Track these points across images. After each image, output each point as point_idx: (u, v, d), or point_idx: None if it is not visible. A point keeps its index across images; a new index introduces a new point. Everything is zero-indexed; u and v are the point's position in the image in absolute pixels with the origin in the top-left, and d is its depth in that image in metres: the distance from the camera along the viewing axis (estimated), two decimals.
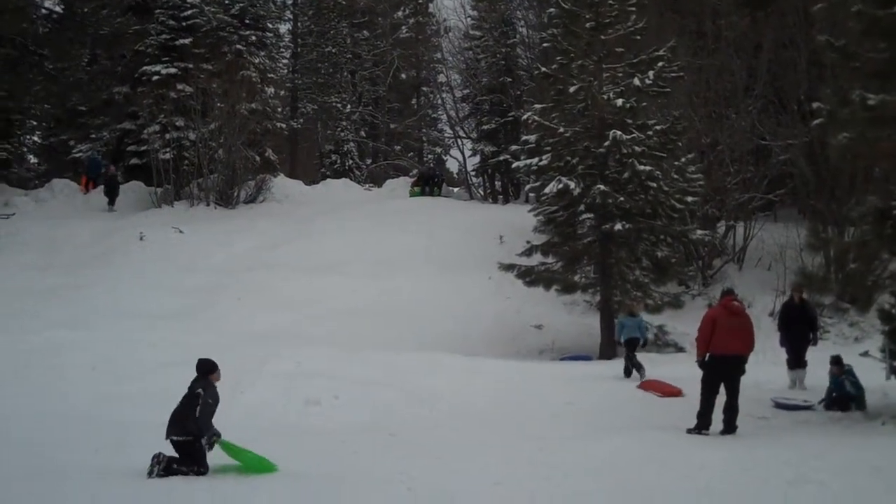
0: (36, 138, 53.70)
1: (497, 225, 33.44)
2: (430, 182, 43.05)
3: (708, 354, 14.31)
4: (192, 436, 11.14)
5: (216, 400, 11.47)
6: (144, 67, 40.32)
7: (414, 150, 57.75)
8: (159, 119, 38.14)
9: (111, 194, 37.52)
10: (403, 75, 60.47)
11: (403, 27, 59.93)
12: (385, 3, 58.84)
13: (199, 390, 11.37)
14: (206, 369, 11.73)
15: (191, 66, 39.08)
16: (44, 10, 42.89)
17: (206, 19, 41.27)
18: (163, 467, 10.95)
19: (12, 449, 12.07)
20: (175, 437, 11.20)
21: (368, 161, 57.24)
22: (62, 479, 10.64)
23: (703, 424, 14.17)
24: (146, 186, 39.29)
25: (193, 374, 14.05)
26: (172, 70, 39.60)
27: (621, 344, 21.02)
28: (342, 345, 22.39)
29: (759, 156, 31.74)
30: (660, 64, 25.91)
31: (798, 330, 19.06)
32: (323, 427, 14.18)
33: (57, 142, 49.50)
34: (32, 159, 55.76)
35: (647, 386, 18.67)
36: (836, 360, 16.83)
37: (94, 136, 45.94)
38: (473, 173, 48.28)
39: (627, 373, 20.01)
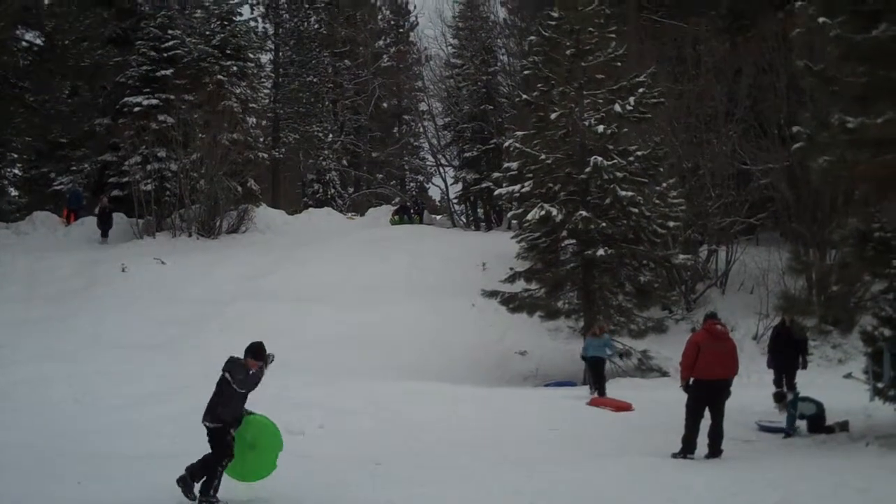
0: (17, 171, 53.45)
1: (480, 252, 33.47)
2: (409, 211, 43.10)
3: (692, 379, 14.31)
4: (222, 423, 11.14)
5: (247, 385, 11.41)
6: (126, 99, 40.27)
7: (396, 179, 57.95)
8: (141, 150, 38.05)
9: (105, 226, 37.35)
10: (385, 104, 60.77)
11: (385, 56, 60.26)
12: (366, 33, 59.14)
13: (226, 374, 11.29)
14: (253, 352, 11.69)
15: (172, 97, 39.06)
16: (24, 43, 42.85)
17: (188, 50, 41.30)
18: (192, 488, 10.96)
19: None
20: (208, 424, 11.21)
21: (351, 190, 57.29)
22: None
23: (688, 448, 14.16)
24: (128, 218, 39.15)
25: (174, 406, 14.01)
26: (154, 101, 39.56)
27: (584, 360, 22.39)
28: (326, 374, 22.37)
29: (740, 180, 31.84)
30: (640, 90, 26.08)
31: (786, 354, 19.12)
32: (308, 456, 14.08)
33: (38, 174, 49.32)
34: (13, 192, 55.53)
35: (599, 402, 19.65)
36: (779, 397, 16.96)
37: (75, 168, 45.83)
38: (456, 201, 48.48)
39: (597, 389, 21.25)
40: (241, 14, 47.14)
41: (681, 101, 31.86)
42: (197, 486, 10.99)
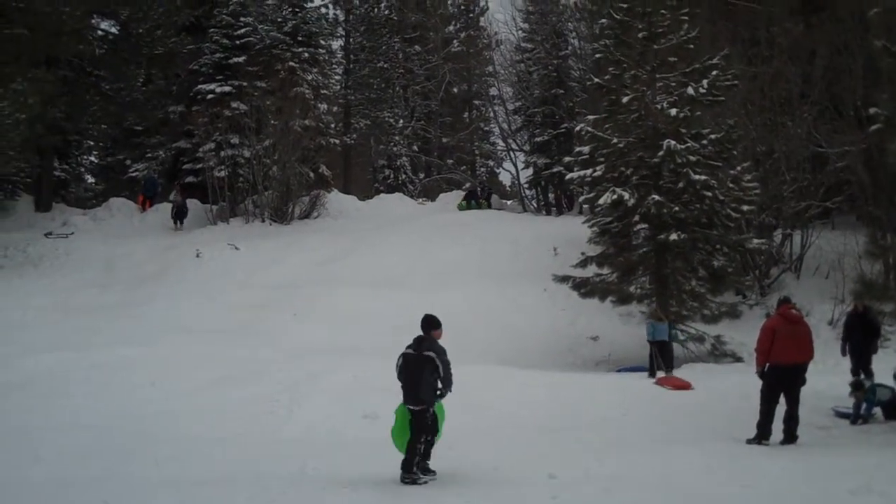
0: (93, 158, 54.33)
1: (551, 237, 33.36)
2: (477, 196, 42.97)
3: (767, 364, 14.17)
4: (425, 404, 11.51)
5: (445, 353, 11.70)
6: (199, 86, 40.80)
7: (466, 164, 57.78)
8: (214, 137, 38.51)
9: (179, 218, 37.83)
10: (455, 89, 60.62)
11: (455, 41, 60.08)
12: (436, 18, 59.01)
13: (430, 353, 11.55)
14: (431, 325, 11.97)
15: (245, 84, 39.45)
16: (100, 32, 43.36)
17: (260, 37, 41.67)
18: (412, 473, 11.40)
19: (75, 460, 12.20)
20: (412, 407, 11.56)
21: (421, 175, 57.36)
22: (128, 488, 10.74)
23: (763, 434, 14.03)
24: (202, 204, 39.67)
25: (249, 390, 14.14)
26: (227, 88, 40.03)
27: (650, 343, 23.04)
28: (397, 358, 22.40)
29: (815, 163, 31.28)
30: (714, 72, 25.76)
31: (861, 339, 18.78)
32: (382, 440, 14.15)
33: (114, 161, 50.14)
34: (90, 179, 56.45)
35: (662, 381, 20.58)
36: (857, 386, 16.61)
37: (149, 155, 46.43)
38: (526, 185, 48.26)
39: (652, 372, 22.27)
40: (312, 1, 47.34)
41: (754, 83, 31.36)
42: (419, 473, 11.49)
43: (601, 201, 25.41)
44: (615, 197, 24.82)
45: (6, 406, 16.26)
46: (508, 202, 49.11)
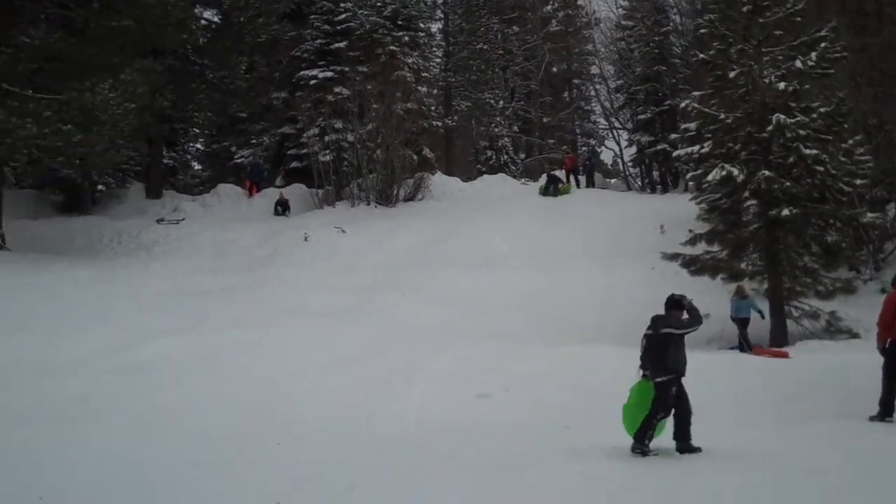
0: (199, 145, 55.40)
1: (656, 215, 33.07)
2: (558, 181, 41.87)
3: (889, 340, 13.87)
4: (672, 374, 11.72)
5: (685, 326, 12.00)
6: (301, 72, 41.31)
7: (567, 143, 57.47)
8: (318, 122, 38.96)
9: (283, 213, 38.25)
10: (555, 69, 60.48)
11: (553, 21, 59.77)
12: None
13: (668, 329, 11.85)
14: (673, 305, 12.26)
15: (346, 69, 39.79)
16: (203, 21, 44.02)
17: (360, 22, 41.96)
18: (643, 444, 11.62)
19: (198, 443, 12.44)
20: (659, 378, 11.72)
21: (523, 155, 57.26)
22: (251, 470, 10.93)
23: (886, 412, 13.74)
24: (307, 188, 40.14)
25: (361, 371, 14.24)
26: (329, 74, 40.46)
27: (734, 321, 24.05)
28: (506, 339, 22.47)
29: None
30: (822, 45, 25.20)
31: None
32: (495, 420, 14.21)
33: (219, 148, 51.04)
34: (196, 166, 57.54)
35: (759, 352, 22.02)
36: None
37: (254, 141, 47.14)
38: (630, 164, 47.92)
39: (742, 348, 23.22)
40: None
41: (863, 54, 30.64)
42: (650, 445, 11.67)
43: (710, 178, 25.08)
44: (724, 173, 24.46)
45: (128, 391, 16.62)
46: (612, 181, 48.80)
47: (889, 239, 29.34)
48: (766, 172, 24.16)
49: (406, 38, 43.64)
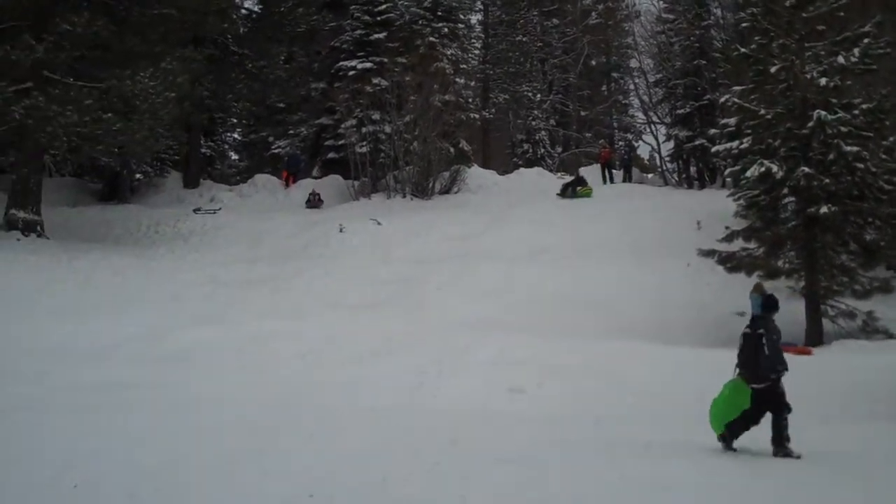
0: (237, 135, 55.62)
1: (693, 211, 32.85)
2: (578, 184, 39.59)
3: None
4: (768, 381, 11.69)
5: (779, 334, 11.97)
6: (340, 63, 41.42)
7: (605, 137, 57.26)
8: (356, 113, 39.02)
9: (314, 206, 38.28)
10: (594, 62, 60.34)
11: (593, 13, 59.63)
12: None
13: (761, 330, 11.79)
14: (771, 306, 12.25)
15: (385, 60, 39.89)
16: (243, 11, 44.24)
17: (400, 13, 42.05)
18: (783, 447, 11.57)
19: (234, 433, 12.49)
20: (754, 385, 11.70)
21: (559, 149, 57.12)
22: (285, 461, 10.96)
23: None
24: (344, 180, 40.25)
25: (395, 362, 14.19)
26: (368, 65, 40.53)
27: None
28: (541, 333, 22.44)
29: None
30: (865, 40, 24.93)
31: None
32: (529, 415, 14.20)
33: (257, 138, 51.24)
34: (234, 156, 57.79)
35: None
36: None
37: (292, 132, 47.31)
38: (667, 159, 47.66)
39: None
40: None
41: None
42: (791, 446, 11.57)
43: (748, 174, 24.90)
44: (763, 169, 24.28)
45: (165, 379, 16.74)
46: (649, 175, 48.57)
47: None
48: (806, 169, 23.96)
49: (445, 30, 43.67)
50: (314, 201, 38.02)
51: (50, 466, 10.40)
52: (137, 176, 42.27)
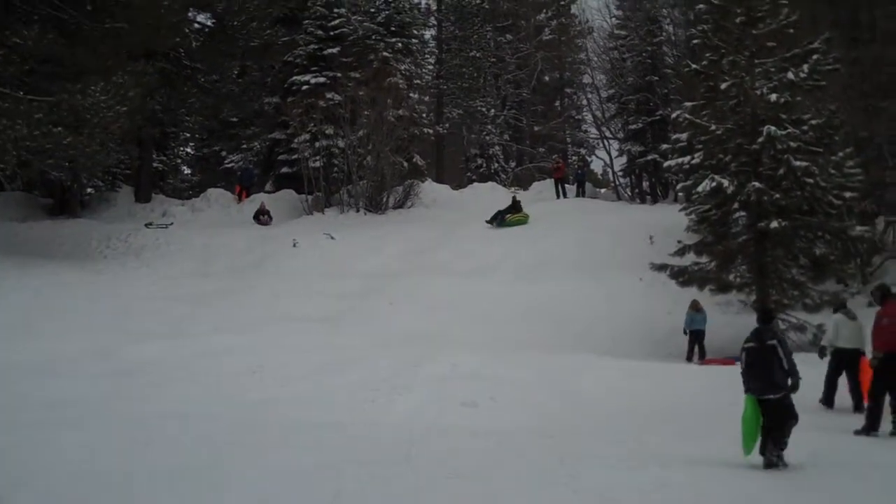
0: (189, 150, 55.29)
1: (646, 225, 33.06)
2: (503, 215, 36.89)
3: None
4: (784, 390, 11.53)
5: (786, 342, 11.91)
6: (294, 77, 41.35)
7: (558, 152, 57.51)
8: (309, 128, 38.96)
9: (261, 223, 37.93)
10: (547, 77, 60.62)
11: (547, 29, 59.91)
12: (528, 6, 58.91)
13: (773, 342, 11.65)
14: (771, 316, 12.42)
15: (339, 74, 39.95)
16: (196, 25, 43.99)
17: (353, 28, 42.03)
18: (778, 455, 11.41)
19: (183, 447, 12.38)
20: (771, 396, 11.51)
21: (513, 164, 57.33)
22: (236, 476, 10.86)
23: (871, 426, 13.74)
24: (297, 194, 40.17)
25: (348, 377, 14.07)
26: (321, 79, 40.51)
27: (686, 334, 25.45)
28: (493, 347, 22.49)
29: None
30: (814, 57, 25.27)
31: None
32: (482, 429, 14.16)
33: (209, 152, 51.03)
34: (186, 170, 57.43)
35: (709, 362, 23.13)
36: None
37: (245, 146, 47.19)
38: (620, 174, 47.95)
39: (689, 358, 24.71)
40: None
41: (855, 67, 30.70)
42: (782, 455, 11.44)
43: (699, 189, 25.14)
44: (714, 184, 24.52)
45: (114, 394, 16.57)
46: (602, 190, 48.84)
47: (877, 252, 29.37)
48: (756, 184, 24.21)
49: (399, 45, 43.79)
50: (263, 219, 37.67)
51: None
52: (88, 190, 41.86)
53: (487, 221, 36.22)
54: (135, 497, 10.03)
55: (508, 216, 36.45)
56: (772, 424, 11.43)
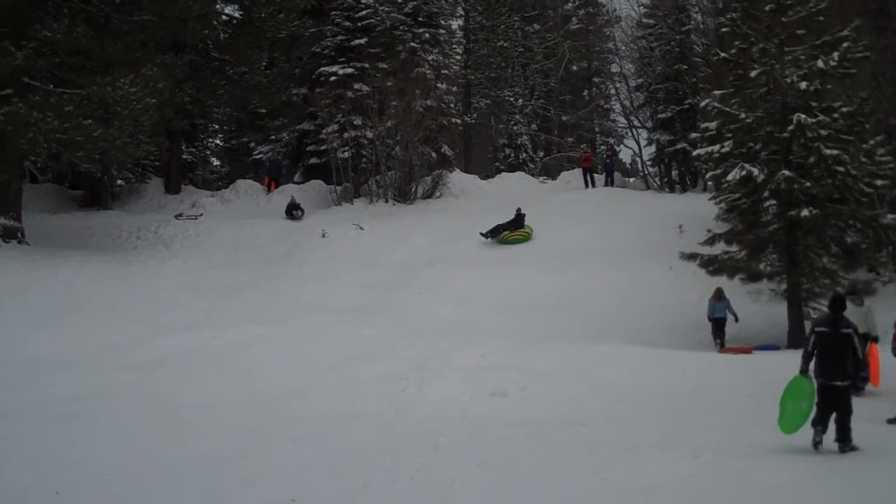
0: (218, 141, 55.48)
1: (675, 214, 32.89)
2: (503, 228, 33.53)
3: None
4: (851, 378, 11.71)
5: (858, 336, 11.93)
6: (322, 69, 41.36)
7: (586, 142, 57.32)
8: (337, 119, 39.00)
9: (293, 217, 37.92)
10: (575, 67, 60.42)
11: (574, 18, 59.71)
12: None
13: (849, 330, 11.73)
14: (843, 304, 12.17)
15: (366, 65, 39.92)
16: (224, 17, 44.02)
17: (381, 19, 41.97)
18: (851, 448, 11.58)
19: (213, 438, 12.45)
20: (839, 383, 11.60)
21: (541, 154, 57.19)
22: (266, 466, 10.93)
23: None
24: (326, 185, 40.22)
25: (378, 368, 14.10)
26: (349, 70, 40.50)
27: (710, 320, 25.29)
28: (522, 337, 22.48)
29: None
30: (844, 44, 25.05)
31: None
32: (511, 418, 14.18)
33: (238, 144, 51.06)
34: (215, 162, 57.61)
35: (727, 350, 23.47)
36: None
37: (273, 137, 47.18)
38: (649, 163, 47.73)
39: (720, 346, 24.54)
40: None
41: (886, 54, 30.43)
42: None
43: (729, 178, 24.96)
44: (744, 173, 24.36)
45: (145, 386, 16.69)
46: (631, 180, 48.62)
47: None
48: (787, 172, 24.04)
49: (426, 35, 43.63)
50: (295, 214, 37.51)
51: (28, 474, 10.36)
52: (118, 182, 42.06)
53: (483, 234, 33.12)
54: (167, 487, 10.11)
55: (506, 233, 33.32)
56: (836, 409, 11.53)
